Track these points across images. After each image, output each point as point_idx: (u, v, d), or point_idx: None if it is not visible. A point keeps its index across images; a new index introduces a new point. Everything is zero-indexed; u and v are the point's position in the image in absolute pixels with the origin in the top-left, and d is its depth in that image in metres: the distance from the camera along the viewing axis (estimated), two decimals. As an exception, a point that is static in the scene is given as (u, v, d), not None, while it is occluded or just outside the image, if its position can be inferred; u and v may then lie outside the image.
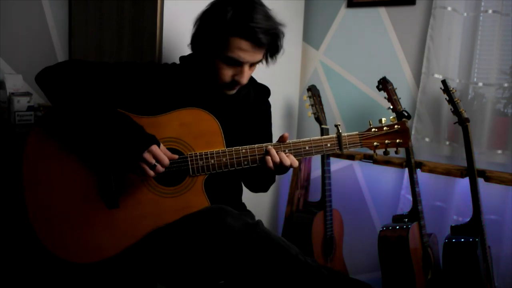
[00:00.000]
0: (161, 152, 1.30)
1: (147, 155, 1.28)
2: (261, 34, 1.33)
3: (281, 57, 1.52)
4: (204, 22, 1.41)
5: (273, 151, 1.37)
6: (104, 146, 1.32)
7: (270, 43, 1.39)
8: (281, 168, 1.38)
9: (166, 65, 1.52)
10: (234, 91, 1.47)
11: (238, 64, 1.38)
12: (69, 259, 1.33)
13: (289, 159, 1.38)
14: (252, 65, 1.42)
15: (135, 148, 1.27)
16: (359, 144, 1.44)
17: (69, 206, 1.34)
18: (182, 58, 1.54)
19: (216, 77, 1.42)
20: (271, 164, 1.37)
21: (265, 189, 1.68)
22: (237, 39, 1.34)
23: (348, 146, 1.43)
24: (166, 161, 1.30)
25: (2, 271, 1.70)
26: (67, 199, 1.34)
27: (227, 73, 1.40)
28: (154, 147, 1.29)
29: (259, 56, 1.40)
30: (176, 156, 1.34)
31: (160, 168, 1.30)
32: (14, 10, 2.00)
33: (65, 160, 1.35)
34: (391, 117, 1.48)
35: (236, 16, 1.33)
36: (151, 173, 1.29)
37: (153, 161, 1.28)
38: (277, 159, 1.37)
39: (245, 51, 1.35)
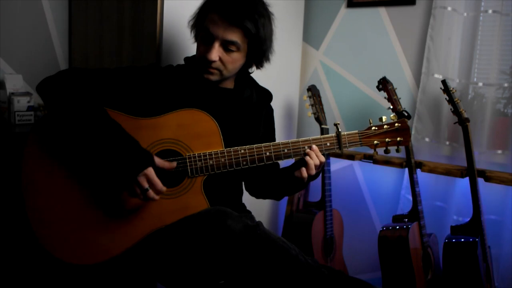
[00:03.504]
0: (156, 177, 1.28)
1: (141, 179, 1.26)
2: (232, 9, 1.36)
3: (281, 57, 1.52)
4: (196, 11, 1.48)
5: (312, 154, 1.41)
6: (99, 164, 1.32)
7: (246, 25, 1.37)
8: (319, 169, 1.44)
9: (170, 67, 1.52)
10: (212, 76, 1.43)
11: (210, 40, 1.39)
12: (69, 261, 1.33)
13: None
14: (227, 48, 1.40)
15: (130, 170, 1.26)
16: (359, 143, 1.43)
17: (68, 208, 1.34)
18: (186, 59, 1.54)
19: (196, 58, 1.45)
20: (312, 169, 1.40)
21: (280, 197, 1.70)
22: (211, 14, 1.39)
23: (348, 145, 1.43)
24: (159, 186, 1.28)
25: (3, 273, 1.70)
26: (66, 202, 1.34)
27: (200, 50, 1.43)
28: (149, 171, 1.27)
29: (231, 34, 1.38)
30: (174, 165, 1.34)
31: (151, 193, 1.28)
32: (14, 10, 2.00)
33: (64, 164, 1.35)
34: (391, 115, 1.48)
35: None
36: (141, 197, 1.29)
37: (146, 185, 1.27)
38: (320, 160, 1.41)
39: (214, 22, 1.38)
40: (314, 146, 1.40)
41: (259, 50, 1.45)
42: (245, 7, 1.37)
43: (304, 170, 1.41)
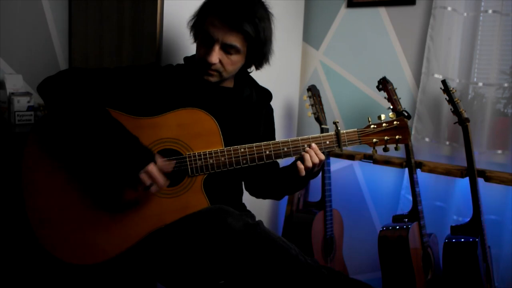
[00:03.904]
0: (158, 172, 1.28)
1: (143, 176, 1.27)
2: (232, 13, 1.35)
3: (281, 57, 1.52)
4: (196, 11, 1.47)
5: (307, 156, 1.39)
6: (101, 162, 1.32)
7: (246, 30, 1.37)
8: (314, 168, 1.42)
9: (169, 66, 1.52)
10: (212, 78, 1.44)
11: (210, 43, 1.39)
12: (69, 261, 1.33)
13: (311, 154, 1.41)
14: (227, 51, 1.40)
15: (132, 167, 1.26)
16: (358, 141, 1.43)
17: (68, 208, 1.34)
18: (186, 58, 1.54)
19: (195, 59, 1.44)
20: (310, 164, 1.38)
21: (280, 197, 1.69)
22: (211, 17, 1.38)
23: (347, 143, 1.43)
24: (161, 181, 1.29)
25: (3, 273, 1.70)
26: (66, 202, 1.34)
27: (200, 52, 1.42)
28: (151, 167, 1.27)
29: (230, 37, 1.37)
30: (171, 167, 1.33)
31: (154, 189, 1.29)
32: (14, 10, 2.00)
33: (64, 164, 1.35)
34: (390, 114, 1.48)
35: None
36: (143, 193, 1.30)
37: (149, 182, 1.28)
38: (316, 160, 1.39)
39: (215, 26, 1.37)
40: (313, 145, 1.40)
41: (259, 53, 1.46)
42: (246, 11, 1.37)
43: (300, 163, 1.39)
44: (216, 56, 1.38)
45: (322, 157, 1.41)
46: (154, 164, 1.29)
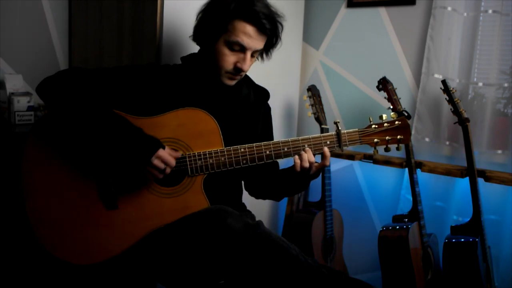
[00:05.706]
0: (168, 155, 1.31)
1: (156, 161, 1.28)
2: (265, 20, 1.36)
3: (281, 57, 1.53)
4: (207, 10, 1.43)
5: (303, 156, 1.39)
6: (108, 156, 1.32)
7: (271, 32, 1.40)
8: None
9: (167, 66, 1.52)
10: (233, 82, 1.47)
11: (241, 50, 1.40)
12: (69, 261, 1.33)
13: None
14: (253, 54, 1.43)
15: (143, 155, 1.27)
16: (359, 141, 1.43)
17: (68, 208, 1.34)
18: (183, 58, 1.54)
19: (219, 65, 1.43)
20: (307, 164, 1.38)
21: (279, 198, 1.69)
22: (242, 23, 1.36)
23: (348, 143, 1.42)
24: (173, 162, 1.31)
25: (3, 273, 1.70)
26: (66, 202, 1.34)
27: (230, 60, 1.41)
28: (161, 151, 1.29)
29: (261, 44, 1.41)
30: (179, 154, 1.35)
31: (168, 170, 1.31)
32: (14, 10, 2.00)
33: (64, 164, 1.35)
34: (391, 114, 1.47)
35: (240, 1, 1.36)
36: (161, 176, 1.31)
37: (163, 166, 1.29)
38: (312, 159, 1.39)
39: (249, 36, 1.37)
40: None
41: (271, 47, 1.49)
42: (276, 16, 1.40)
43: (297, 158, 1.39)
44: (249, 64, 1.41)
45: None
46: (163, 149, 1.30)
